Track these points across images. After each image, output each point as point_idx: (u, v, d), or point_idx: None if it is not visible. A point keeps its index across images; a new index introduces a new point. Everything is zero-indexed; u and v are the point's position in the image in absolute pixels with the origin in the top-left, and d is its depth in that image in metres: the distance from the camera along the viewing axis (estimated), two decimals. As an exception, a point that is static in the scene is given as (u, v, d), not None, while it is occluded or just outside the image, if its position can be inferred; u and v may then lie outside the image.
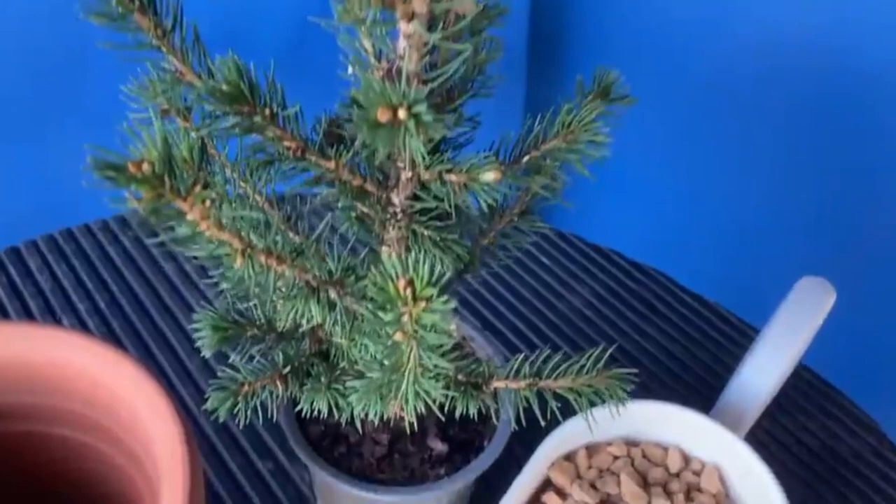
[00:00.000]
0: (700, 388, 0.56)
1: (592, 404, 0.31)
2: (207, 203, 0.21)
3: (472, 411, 0.32)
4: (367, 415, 0.38)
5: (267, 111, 0.24)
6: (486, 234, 0.34)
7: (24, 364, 0.35)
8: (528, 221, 0.33)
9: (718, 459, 0.42)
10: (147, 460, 0.35)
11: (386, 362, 0.26)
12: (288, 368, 0.31)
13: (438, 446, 0.38)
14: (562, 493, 0.41)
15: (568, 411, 0.50)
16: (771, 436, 0.53)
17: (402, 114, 0.20)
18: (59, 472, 0.38)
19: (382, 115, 0.20)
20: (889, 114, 0.64)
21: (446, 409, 0.33)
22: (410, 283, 0.20)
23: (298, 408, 0.33)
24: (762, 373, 0.43)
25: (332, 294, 0.27)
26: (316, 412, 0.39)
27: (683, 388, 0.55)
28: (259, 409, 0.32)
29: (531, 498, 0.41)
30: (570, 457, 0.42)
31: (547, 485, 0.41)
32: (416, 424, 0.39)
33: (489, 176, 0.25)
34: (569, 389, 0.30)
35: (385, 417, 0.39)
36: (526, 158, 0.28)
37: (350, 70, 0.25)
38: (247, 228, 0.23)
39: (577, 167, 0.29)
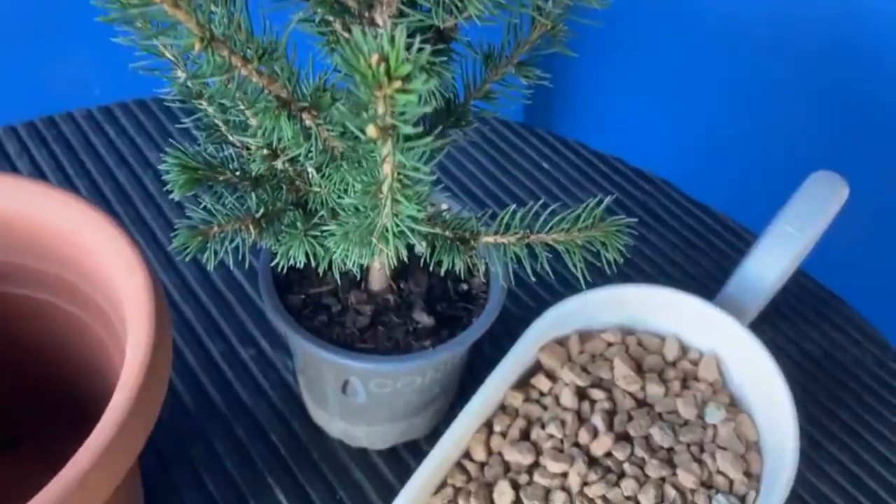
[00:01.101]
0: (701, 293, 0.54)
1: (587, 262, 0.29)
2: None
3: (459, 266, 0.30)
4: (347, 274, 0.36)
5: None
6: (480, 88, 0.32)
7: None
8: (525, 71, 0.30)
9: (717, 349, 0.40)
10: (117, 320, 0.33)
11: (365, 201, 0.24)
12: (262, 212, 0.29)
13: (424, 319, 0.36)
14: (551, 376, 0.39)
15: (561, 285, 0.49)
16: (773, 343, 0.51)
17: None
18: (27, 333, 0.37)
19: None
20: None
21: (430, 265, 0.31)
22: (385, 59, 0.18)
23: (275, 263, 0.31)
24: (767, 264, 0.41)
25: (307, 120, 0.25)
26: (295, 276, 0.37)
27: (683, 290, 0.53)
28: (231, 255, 0.30)
29: (521, 381, 0.39)
30: (561, 342, 0.40)
31: (537, 369, 0.39)
32: (401, 297, 0.37)
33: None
34: (562, 243, 0.28)
35: (369, 289, 0.37)
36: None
37: None
38: (205, 18, 0.20)
39: None
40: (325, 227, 0.28)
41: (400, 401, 0.38)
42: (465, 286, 0.39)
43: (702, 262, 0.56)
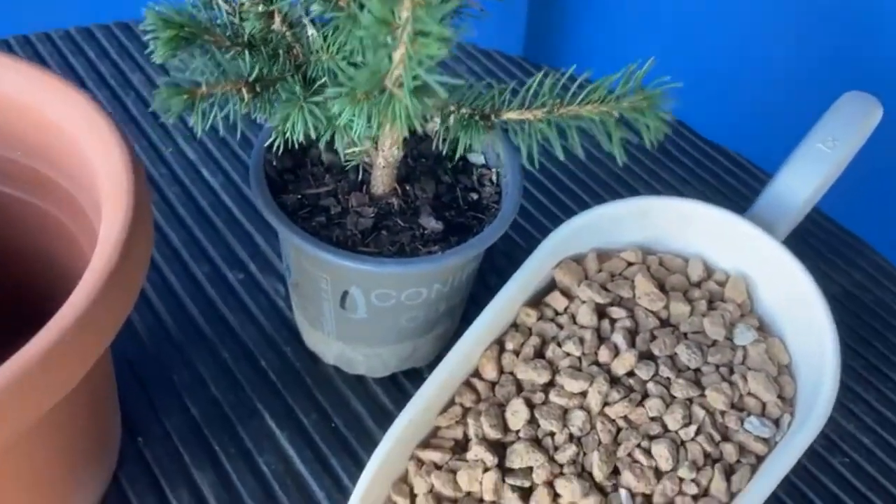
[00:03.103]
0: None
1: (626, 140, 0.26)
2: None
3: (477, 146, 0.27)
4: (347, 176, 0.33)
5: None
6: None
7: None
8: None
9: (746, 269, 0.37)
10: (90, 209, 0.30)
11: (379, 35, 0.21)
12: (256, 75, 0.25)
13: (432, 224, 0.33)
14: (567, 295, 0.36)
15: (580, 207, 0.45)
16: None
17: None
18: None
19: None
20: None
21: (444, 148, 0.28)
22: None
23: (270, 141, 0.28)
24: (799, 180, 0.38)
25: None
26: (290, 177, 0.34)
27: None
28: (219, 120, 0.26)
29: (534, 300, 0.36)
30: (577, 260, 0.37)
31: (551, 288, 0.36)
32: (406, 202, 0.34)
33: None
34: (598, 114, 0.25)
35: (372, 192, 0.34)
36: None
37: None
38: None
39: None
40: (328, 92, 0.25)
41: (402, 318, 0.35)
42: (475, 195, 0.36)
43: (714, 199, 0.53)
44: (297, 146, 0.33)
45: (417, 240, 0.33)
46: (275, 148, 0.28)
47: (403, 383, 0.39)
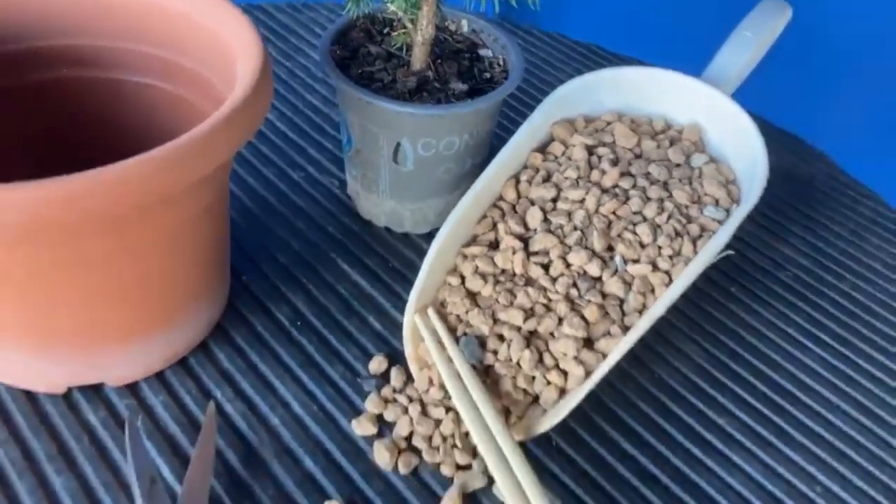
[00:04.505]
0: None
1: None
2: None
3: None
4: (391, 59, 0.44)
5: None
6: None
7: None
8: None
9: (699, 119, 0.48)
10: (224, 85, 0.40)
11: None
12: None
13: (459, 86, 0.45)
14: (564, 143, 0.47)
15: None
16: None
17: None
18: (124, 116, 0.44)
19: None
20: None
21: None
22: None
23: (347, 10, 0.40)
24: (732, 58, 0.50)
25: None
26: (349, 62, 0.45)
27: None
28: None
29: (538, 149, 0.47)
30: (569, 121, 0.48)
31: (550, 142, 0.48)
32: (438, 74, 0.45)
33: None
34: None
35: (412, 69, 0.45)
36: None
37: None
38: None
39: None
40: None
41: (440, 169, 0.46)
42: (487, 74, 0.47)
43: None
44: (351, 42, 0.45)
45: (451, 97, 0.44)
46: (346, 10, 0.39)
47: (441, 235, 0.50)
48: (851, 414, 0.43)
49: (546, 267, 0.42)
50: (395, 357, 0.42)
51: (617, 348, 0.38)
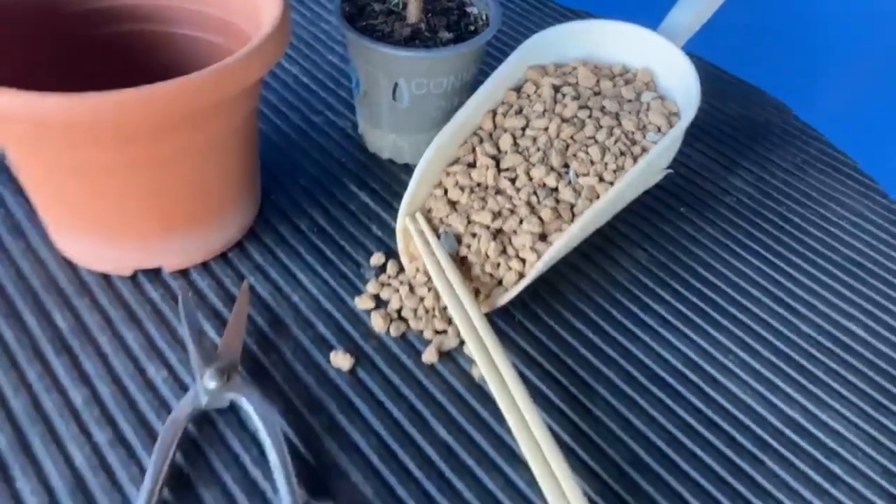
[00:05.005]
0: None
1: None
2: None
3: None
4: (391, 14, 0.54)
5: None
6: None
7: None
8: None
9: (651, 65, 0.57)
10: (252, 30, 0.50)
11: None
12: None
13: (447, 35, 0.54)
14: (535, 84, 0.57)
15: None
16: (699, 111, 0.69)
17: None
18: (175, 64, 0.54)
19: None
20: None
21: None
22: None
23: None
24: (686, 10, 0.59)
25: None
26: (357, 17, 0.55)
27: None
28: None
29: (513, 88, 0.57)
30: (541, 67, 0.58)
31: (524, 83, 0.57)
32: (429, 26, 0.55)
33: None
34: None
35: (407, 22, 0.55)
36: None
37: None
38: None
39: None
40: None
41: (432, 107, 0.56)
42: (472, 27, 0.57)
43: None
44: (359, 1, 0.55)
45: (439, 44, 0.54)
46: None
47: (435, 164, 0.60)
48: (768, 304, 0.52)
49: (513, 180, 0.51)
50: (391, 254, 0.52)
51: (564, 234, 0.47)
